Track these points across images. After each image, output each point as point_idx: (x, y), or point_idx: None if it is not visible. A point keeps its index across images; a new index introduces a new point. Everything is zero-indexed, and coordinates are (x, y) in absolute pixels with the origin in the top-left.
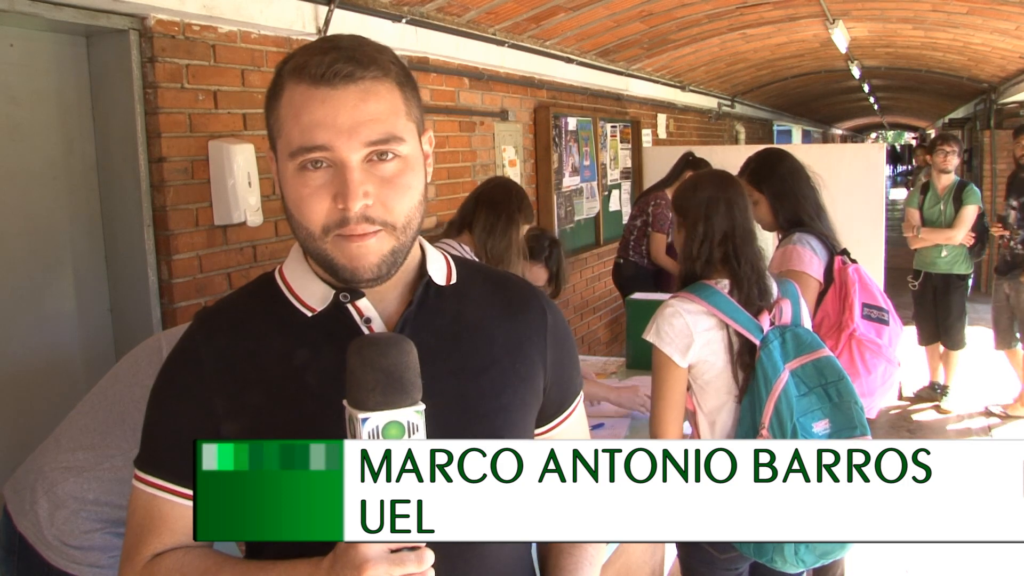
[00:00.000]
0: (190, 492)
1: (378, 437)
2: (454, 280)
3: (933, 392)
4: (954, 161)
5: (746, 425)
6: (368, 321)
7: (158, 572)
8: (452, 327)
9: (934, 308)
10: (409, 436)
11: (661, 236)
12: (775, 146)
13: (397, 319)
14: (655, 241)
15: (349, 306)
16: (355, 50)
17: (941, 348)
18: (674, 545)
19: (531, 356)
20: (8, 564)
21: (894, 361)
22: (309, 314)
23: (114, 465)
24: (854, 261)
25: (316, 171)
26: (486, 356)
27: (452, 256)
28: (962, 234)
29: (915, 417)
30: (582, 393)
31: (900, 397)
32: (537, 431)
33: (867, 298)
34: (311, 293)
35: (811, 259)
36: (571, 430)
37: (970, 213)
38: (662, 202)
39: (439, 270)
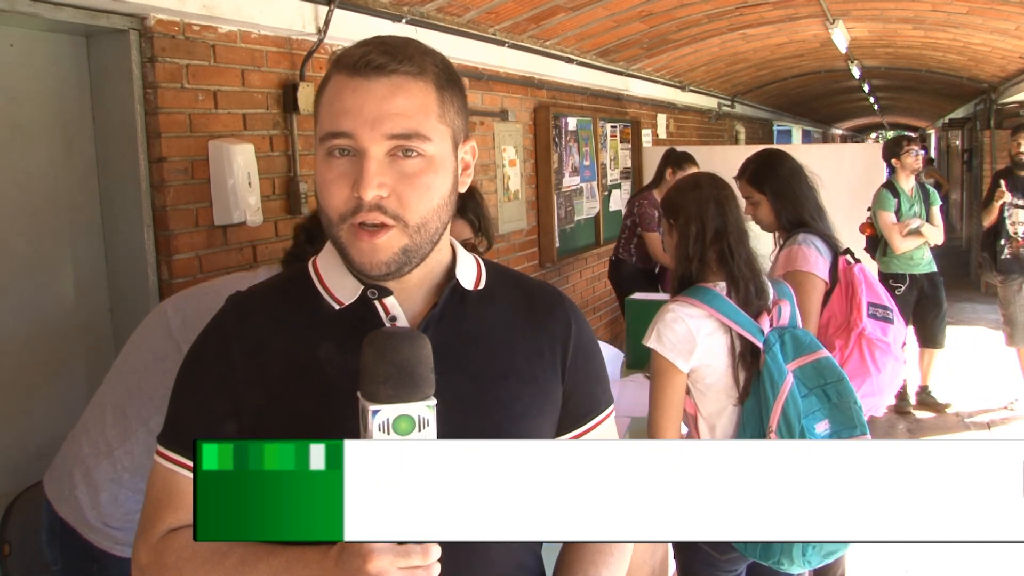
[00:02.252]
0: None
1: (388, 430)
2: (483, 285)
3: (933, 398)
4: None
5: (752, 428)
6: (393, 319)
7: (171, 548)
8: (474, 332)
9: (911, 310)
10: (419, 430)
11: (653, 235)
12: (774, 146)
13: (421, 319)
14: (650, 242)
15: (376, 303)
16: (396, 46)
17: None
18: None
19: (551, 365)
20: (52, 547)
21: (900, 359)
22: (337, 307)
23: (139, 439)
24: (858, 261)
25: (341, 158)
26: (505, 363)
27: (485, 262)
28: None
29: (915, 417)
30: (612, 409)
31: (902, 396)
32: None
33: (872, 297)
34: (341, 287)
35: (816, 259)
36: None
37: (938, 212)
38: (645, 202)
39: (469, 275)
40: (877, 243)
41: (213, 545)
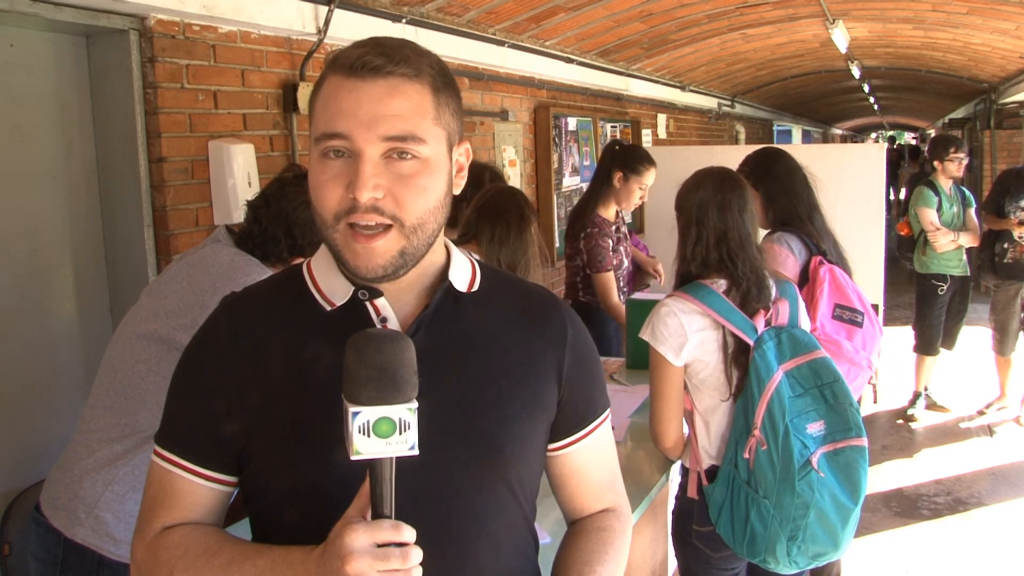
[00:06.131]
0: (203, 471)
1: (368, 432)
2: (476, 287)
3: (931, 400)
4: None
5: (740, 425)
6: (384, 320)
7: (165, 544)
8: (467, 334)
9: (944, 312)
10: (400, 433)
11: (606, 276)
12: (772, 145)
13: (413, 320)
14: (600, 284)
15: (367, 304)
16: (392, 48)
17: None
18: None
19: (545, 369)
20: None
21: (861, 364)
22: (328, 308)
23: (142, 439)
24: (831, 262)
25: (335, 159)
26: (497, 366)
27: (481, 264)
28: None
29: (916, 419)
30: (608, 413)
31: (875, 402)
32: (552, 446)
33: (840, 299)
34: (333, 288)
35: (786, 258)
36: (590, 449)
37: (974, 214)
38: (593, 231)
39: (463, 276)
40: (912, 244)
41: (203, 543)
